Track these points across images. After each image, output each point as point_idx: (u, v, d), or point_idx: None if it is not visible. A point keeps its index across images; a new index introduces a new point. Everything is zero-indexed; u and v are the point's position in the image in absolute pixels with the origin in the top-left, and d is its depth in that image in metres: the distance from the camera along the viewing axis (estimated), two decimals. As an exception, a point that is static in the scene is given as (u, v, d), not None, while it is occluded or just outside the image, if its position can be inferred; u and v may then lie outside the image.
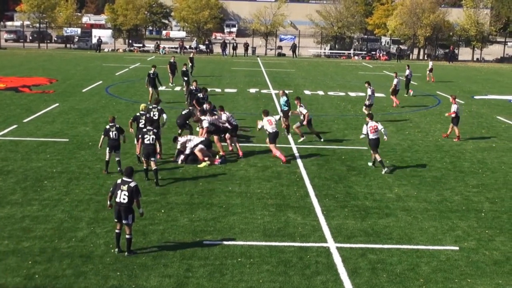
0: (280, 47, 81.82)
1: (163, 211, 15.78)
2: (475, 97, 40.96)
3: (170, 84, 41.36)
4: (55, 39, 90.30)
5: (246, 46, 77.86)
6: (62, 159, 20.62)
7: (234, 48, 76.71)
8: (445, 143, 25.23)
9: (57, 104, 31.89)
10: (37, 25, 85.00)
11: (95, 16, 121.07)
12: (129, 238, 12.98)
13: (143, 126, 20.04)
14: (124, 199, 12.82)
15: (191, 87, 28.86)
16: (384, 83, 46.18)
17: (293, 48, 78.48)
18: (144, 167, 18.54)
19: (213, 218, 15.31)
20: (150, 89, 33.36)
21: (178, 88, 40.38)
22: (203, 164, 20.28)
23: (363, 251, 13.56)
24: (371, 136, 20.22)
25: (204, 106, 24.17)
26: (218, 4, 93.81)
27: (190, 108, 24.46)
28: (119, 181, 13.07)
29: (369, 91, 29.38)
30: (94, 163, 20.30)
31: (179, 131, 23.12)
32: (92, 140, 23.36)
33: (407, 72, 40.25)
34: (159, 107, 22.05)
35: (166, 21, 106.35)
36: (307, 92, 40.88)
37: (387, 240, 14.25)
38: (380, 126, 20.46)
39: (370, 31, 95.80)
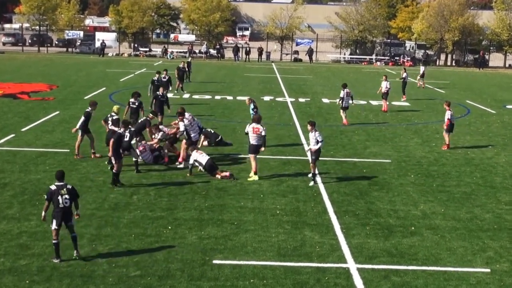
0: (296, 52, 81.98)
1: (170, 227, 15.78)
2: (507, 106, 40.75)
3: (175, 91, 41.51)
4: (56, 42, 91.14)
5: (260, 50, 78.07)
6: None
7: (247, 52, 76.95)
8: (475, 156, 25.09)
9: (57, 112, 32.08)
10: (37, 27, 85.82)
11: (98, 18, 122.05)
12: (75, 235, 13.62)
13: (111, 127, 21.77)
14: (66, 202, 13.45)
15: (157, 93, 29.23)
16: (408, 90, 46.05)
17: (310, 53, 78.62)
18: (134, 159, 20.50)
19: (224, 236, 15.29)
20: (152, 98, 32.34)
21: (186, 96, 40.49)
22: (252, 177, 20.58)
23: (386, 273, 13.48)
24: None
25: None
26: (230, 6, 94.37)
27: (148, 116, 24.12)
28: (53, 187, 13.54)
29: (342, 94, 31.10)
30: (97, 175, 20.36)
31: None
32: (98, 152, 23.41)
33: (404, 75, 41.69)
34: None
35: (175, 24, 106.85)
36: (325, 100, 40.86)
37: (412, 261, 14.15)
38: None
39: (393, 35, 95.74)
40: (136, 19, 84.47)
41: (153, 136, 23.15)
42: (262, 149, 20.69)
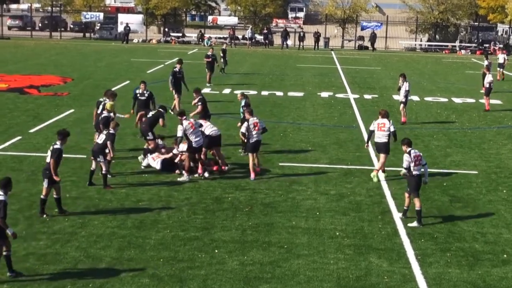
0: (361, 38, 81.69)
1: (206, 250, 15.87)
2: None
3: (207, 84, 42.04)
4: (71, 26, 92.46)
5: (316, 36, 78.02)
6: (78, 181, 20.99)
7: (301, 38, 76.98)
8: None
9: (72, 110, 32.56)
10: (49, 8, 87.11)
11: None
12: (9, 254, 14.13)
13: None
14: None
15: (175, 69, 31.55)
16: (501, 86, 45.47)
17: (372, 39, 78.19)
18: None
19: (271, 262, 15.32)
20: (176, 94, 32.07)
21: (227, 91, 40.68)
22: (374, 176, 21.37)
23: (471, 311, 13.34)
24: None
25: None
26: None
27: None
28: (3, 198, 14.00)
29: (406, 86, 31.30)
30: (119, 187, 20.61)
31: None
32: (116, 157, 23.68)
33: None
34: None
35: (213, 4, 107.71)
36: (397, 97, 40.54)
37: (503, 297, 14.00)
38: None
39: (482, 16, 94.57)
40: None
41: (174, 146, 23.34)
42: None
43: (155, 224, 17.52)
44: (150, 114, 24.24)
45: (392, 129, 22.07)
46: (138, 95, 26.53)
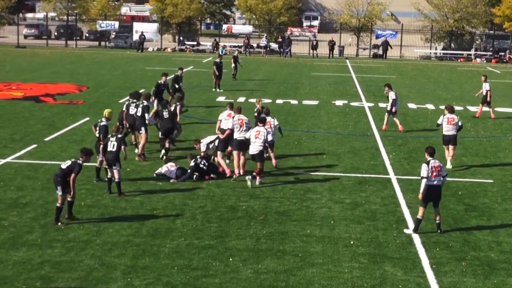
0: (376, 46, 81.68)
1: (220, 259, 15.88)
2: None
3: (213, 89, 43.77)
4: (87, 35, 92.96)
5: (331, 44, 78.09)
6: (93, 190, 21.07)
7: (314, 47, 77.05)
8: None
9: (87, 119, 32.67)
10: (65, 17, 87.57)
11: (137, 6, 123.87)
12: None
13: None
14: None
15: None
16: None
17: (385, 47, 78.06)
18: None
19: (286, 270, 15.30)
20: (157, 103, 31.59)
21: (242, 99, 40.72)
22: None
23: (487, 320, 13.28)
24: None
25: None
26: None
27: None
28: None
29: (392, 95, 31.52)
30: (134, 195, 20.66)
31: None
32: (132, 164, 23.77)
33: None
34: (142, 103, 25.42)
35: (228, 12, 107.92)
36: (411, 106, 40.54)
37: (519, 306, 13.93)
38: None
39: (497, 25, 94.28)
40: (181, 7, 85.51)
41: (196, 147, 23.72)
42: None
43: (169, 232, 17.54)
44: (166, 113, 25.37)
45: (460, 123, 25.04)
46: (161, 86, 31.84)
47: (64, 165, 17.97)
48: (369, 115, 36.08)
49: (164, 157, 24.29)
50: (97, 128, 22.54)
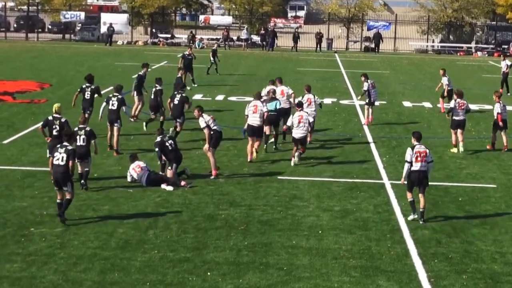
0: (368, 39, 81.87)
1: (197, 273, 15.84)
2: None
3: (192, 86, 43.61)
4: (49, 27, 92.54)
5: (319, 37, 78.11)
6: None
7: (295, 39, 76.93)
8: None
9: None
10: (25, 7, 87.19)
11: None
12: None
13: (56, 134, 22.13)
14: None
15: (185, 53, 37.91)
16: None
17: (376, 39, 78.19)
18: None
19: (269, 285, 15.28)
20: (138, 99, 33.22)
21: (220, 97, 40.65)
22: None
23: (490, 339, 13.32)
24: None
25: None
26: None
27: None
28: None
29: (365, 86, 33.09)
30: (101, 202, 20.57)
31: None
32: (99, 169, 23.68)
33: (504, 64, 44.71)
34: (120, 96, 26.84)
35: (205, 2, 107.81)
36: (406, 104, 40.65)
37: (525, 323, 13.99)
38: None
39: (500, 15, 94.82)
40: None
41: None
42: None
43: (141, 244, 17.47)
44: (176, 100, 27.80)
45: (468, 107, 28.43)
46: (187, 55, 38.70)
47: (61, 160, 18.34)
48: (360, 115, 36.09)
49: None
50: (55, 126, 22.56)
